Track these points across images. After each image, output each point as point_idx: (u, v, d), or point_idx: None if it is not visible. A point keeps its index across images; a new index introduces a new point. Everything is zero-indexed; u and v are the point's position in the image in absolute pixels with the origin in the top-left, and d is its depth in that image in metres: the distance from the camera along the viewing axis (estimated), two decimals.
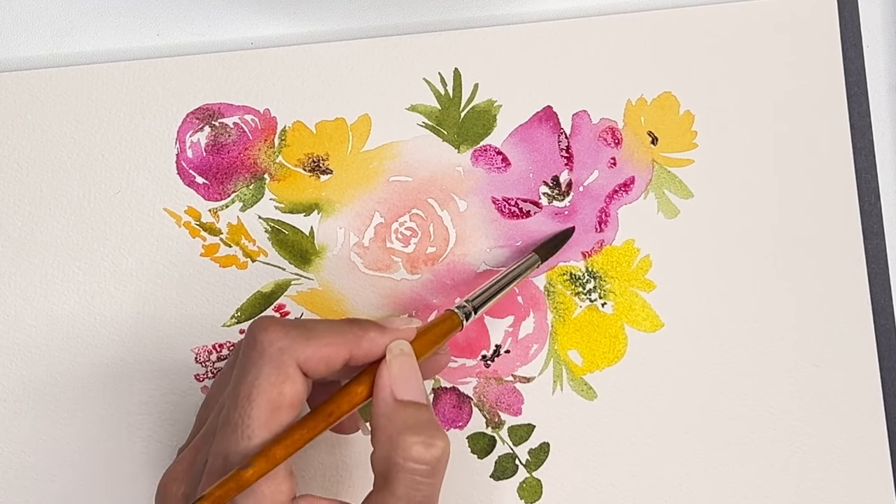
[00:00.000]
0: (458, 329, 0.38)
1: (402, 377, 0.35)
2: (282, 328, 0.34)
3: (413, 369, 0.35)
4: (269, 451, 0.32)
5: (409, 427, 0.34)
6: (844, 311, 0.46)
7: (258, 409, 0.33)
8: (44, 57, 0.45)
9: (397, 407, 0.34)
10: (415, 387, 0.35)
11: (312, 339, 0.34)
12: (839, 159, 0.46)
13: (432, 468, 0.33)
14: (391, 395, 0.35)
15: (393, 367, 0.35)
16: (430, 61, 0.45)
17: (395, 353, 0.35)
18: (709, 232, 0.46)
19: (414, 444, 0.33)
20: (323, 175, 0.45)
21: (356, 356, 0.35)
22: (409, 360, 0.36)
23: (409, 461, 0.33)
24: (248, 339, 0.35)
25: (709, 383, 0.45)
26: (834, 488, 0.45)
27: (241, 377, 0.34)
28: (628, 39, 0.46)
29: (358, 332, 0.35)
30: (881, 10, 0.48)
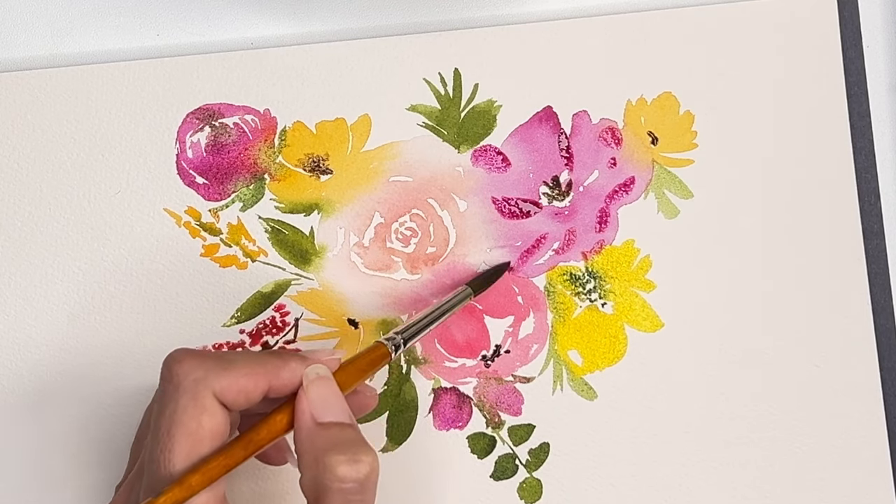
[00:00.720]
0: (386, 360, 0.38)
1: (321, 400, 0.35)
2: (196, 359, 0.34)
3: (332, 391, 0.35)
4: (184, 480, 0.32)
5: (333, 447, 0.33)
6: (844, 311, 0.46)
7: (178, 442, 0.33)
8: (44, 57, 0.45)
9: (319, 430, 0.34)
10: (336, 408, 0.35)
11: (228, 369, 0.34)
12: (839, 159, 0.46)
13: (361, 485, 0.33)
14: (311, 419, 0.34)
15: (310, 392, 0.35)
16: (430, 61, 0.45)
17: (312, 377, 0.35)
18: (709, 232, 0.46)
19: (340, 464, 0.33)
20: (323, 175, 0.45)
21: (276, 387, 0.35)
22: (328, 383, 0.35)
23: (337, 481, 0.33)
24: (163, 373, 0.34)
25: (709, 383, 0.45)
26: (834, 488, 0.45)
27: (160, 412, 0.34)
28: (628, 39, 0.46)
29: (277, 362, 0.35)
30: (881, 10, 0.48)
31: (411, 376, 0.45)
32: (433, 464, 0.44)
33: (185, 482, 0.32)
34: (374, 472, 0.34)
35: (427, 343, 0.45)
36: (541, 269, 0.45)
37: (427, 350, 0.45)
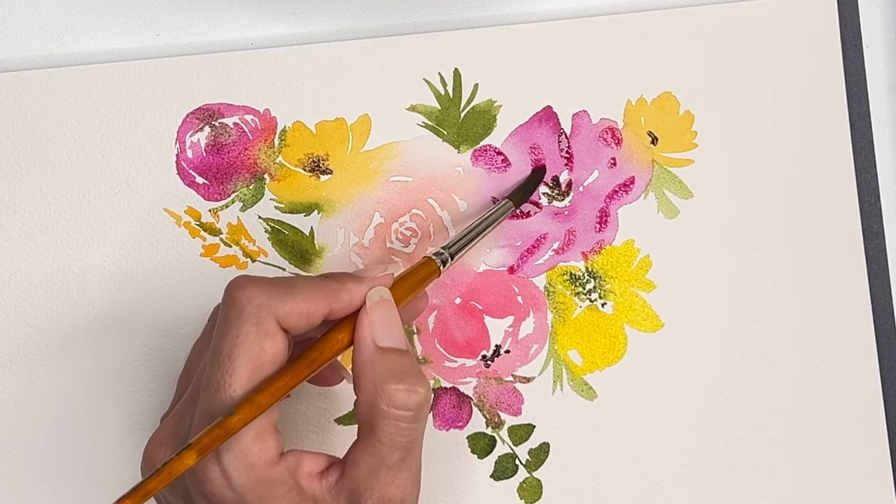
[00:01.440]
0: (435, 275, 0.39)
1: (383, 324, 0.35)
2: (259, 285, 0.34)
3: (393, 316, 0.36)
4: (253, 399, 0.32)
5: (391, 374, 0.34)
6: (844, 311, 0.46)
7: (240, 367, 0.33)
8: (44, 57, 0.45)
9: (379, 354, 0.35)
10: (395, 333, 0.35)
11: (291, 294, 0.34)
12: (839, 159, 0.46)
13: (415, 414, 0.34)
14: (372, 343, 0.35)
15: (373, 315, 0.35)
16: (430, 61, 0.45)
17: (375, 300, 0.35)
18: (709, 232, 0.46)
19: (397, 392, 0.34)
20: (323, 175, 0.45)
21: (336, 310, 0.35)
22: (389, 307, 0.36)
23: (393, 408, 0.34)
24: (225, 300, 0.34)
25: (708, 383, 0.45)
26: (834, 488, 0.45)
27: (221, 337, 0.34)
28: (628, 39, 0.46)
29: (335, 285, 0.35)
30: (881, 10, 0.48)
31: None
32: (433, 464, 0.44)
33: (254, 400, 0.32)
34: (428, 402, 0.34)
35: (427, 343, 0.45)
36: (541, 269, 0.45)
37: (427, 350, 0.45)
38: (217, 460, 0.33)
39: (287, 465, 0.34)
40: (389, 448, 0.34)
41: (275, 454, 0.33)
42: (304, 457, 0.35)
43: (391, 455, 0.34)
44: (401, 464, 0.34)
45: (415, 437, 0.34)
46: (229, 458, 0.32)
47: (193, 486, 0.34)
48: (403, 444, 0.34)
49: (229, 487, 0.33)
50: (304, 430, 0.44)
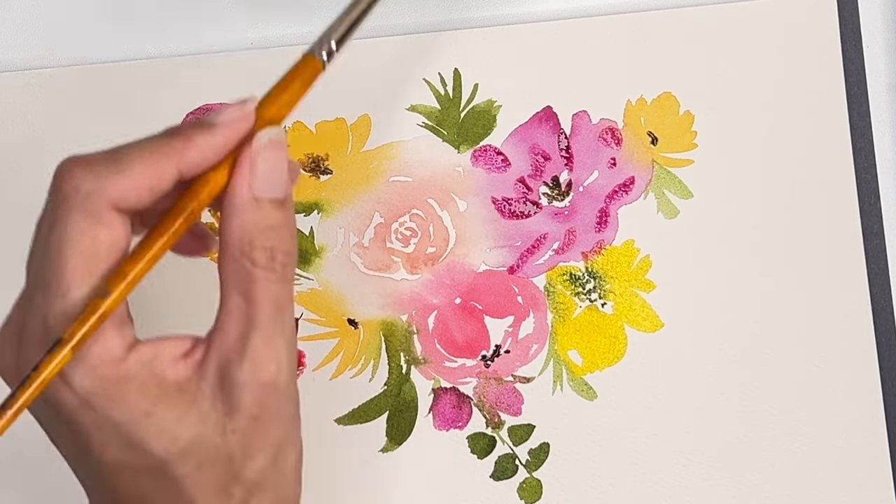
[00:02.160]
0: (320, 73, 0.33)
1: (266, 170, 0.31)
2: (86, 167, 0.30)
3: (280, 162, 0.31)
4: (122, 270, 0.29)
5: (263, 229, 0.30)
6: (844, 311, 0.46)
7: (71, 263, 0.29)
8: (44, 57, 0.45)
9: (252, 204, 0.30)
10: (277, 182, 0.31)
11: (123, 171, 0.30)
12: (839, 159, 0.46)
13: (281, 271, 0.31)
14: (248, 191, 0.30)
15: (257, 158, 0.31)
16: (430, 61, 0.45)
17: (263, 141, 0.31)
18: (709, 232, 0.46)
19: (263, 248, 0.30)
20: (323, 175, 0.45)
21: (187, 171, 0.30)
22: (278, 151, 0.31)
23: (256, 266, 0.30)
24: (52, 186, 0.30)
25: (709, 383, 0.45)
26: (834, 488, 0.45)
27: (48, 230, 0.30)
28: (628, 39, 0.46)
29: (180, 143, 0.30)
30: (881, 10, 0.48)
31: (411, 376, 0.45)
32: (433, 464, 0.44)
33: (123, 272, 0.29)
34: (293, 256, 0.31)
35: (427, 343, 0.45)
36: (541, 269, 0.45)
37: (427, 350, 0.45)
38: None
39: (139, 357, 0.30)
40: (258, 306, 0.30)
41: (120, 351, 0.30)
42: (162, 343, 0.31)
43: (260, 314, 0.30)
44: (272, 325, 0.30)
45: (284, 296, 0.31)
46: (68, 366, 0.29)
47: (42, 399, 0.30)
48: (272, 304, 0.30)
49: (72, 393, 0.29)
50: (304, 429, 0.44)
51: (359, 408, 0.44)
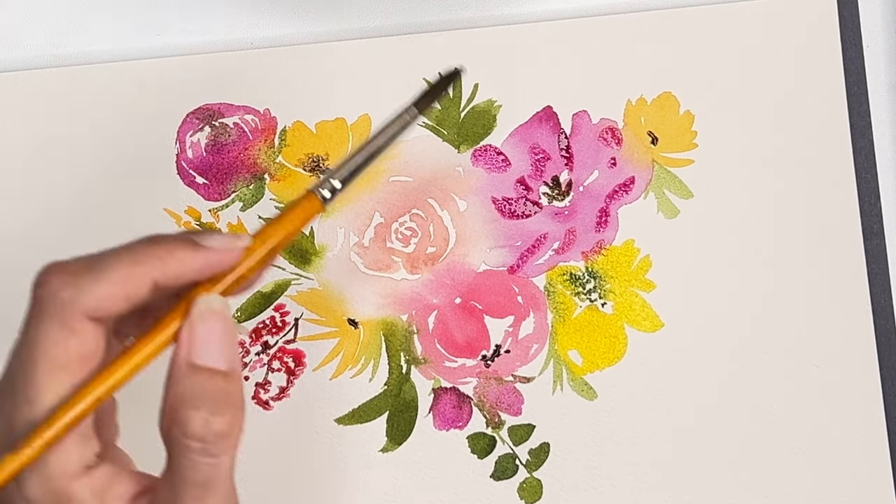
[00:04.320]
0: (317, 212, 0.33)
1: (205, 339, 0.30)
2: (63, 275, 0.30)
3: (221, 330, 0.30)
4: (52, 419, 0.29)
5: (194, 396, 0.29)
6: (844, 311, 0.46)
7: (40, 371, 0.29)
8: (44, 57, 0.45)
9: (187, 371, 0.30)
10: (216, 351, 0.30)
11: (100, 279, 0.29)
12: (839, 159, 0.46)
13: (209, 446, 0.29)
14: (185, 358, 0.30)
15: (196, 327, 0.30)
16: (430, 61, 0.45)
17: (202, 309, 0.30)
18: (709, 232, 0.46)
19: (191, 418, 0.29)
20: (323, 175, 0.45)
21: (164, 282, 0.30)
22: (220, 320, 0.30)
23: (184, 437, 0.29)
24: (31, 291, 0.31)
25: (708, 383, 0.45)
26: (834, 488, 0.45)
27: (23, 335, 0.30)
28: (628, 39, 0.46)
29: (161, 253, 0.30)
30: (881, 10, 0.48)
31: (411, 376, 0.45)
32: (433, 464, 0.44)
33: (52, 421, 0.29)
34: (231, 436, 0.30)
35: (427, 343, 0.45)
36: (541, 269, 0.45)
37: (427, 350, 0.45)
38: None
39: (92, 482, 0.30)
40: (183, 483, 0.29)
41: (76, 467, 0.29)
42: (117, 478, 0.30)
43: (186, 491, 0.29)
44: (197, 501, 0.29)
45: (213, 474, 0.29)
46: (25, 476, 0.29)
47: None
48: (199, 480, 0.29)
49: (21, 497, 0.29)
50: (304, 429, 0.44)
51: (359, 408, 0.44)
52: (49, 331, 0.30)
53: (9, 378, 0.30)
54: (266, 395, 0.44)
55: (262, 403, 0.44)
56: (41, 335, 0.30)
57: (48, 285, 0.30)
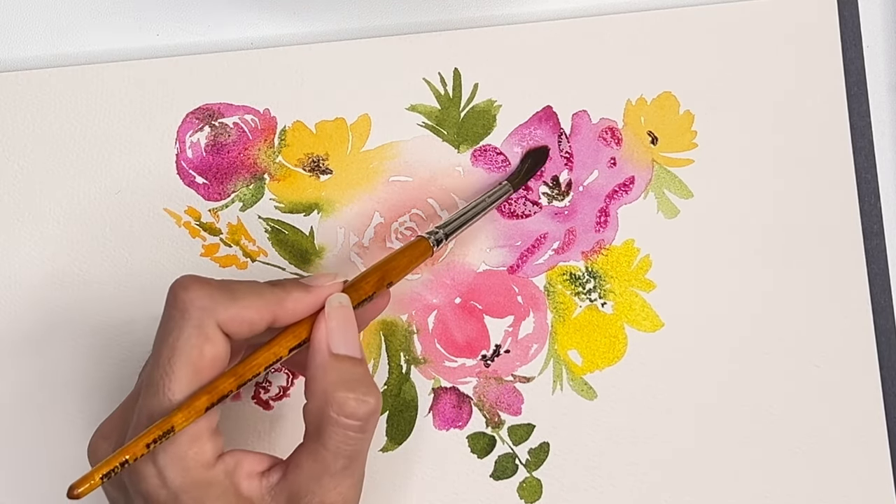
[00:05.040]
0: (427, 254, 0.39)
1: (339, 330, 0.35)
2: (203, 288, 0.34)
3: (350, 323, 0.36)
4: (192, 402, 0.33)
5: (343, 382, 0.34)
6: (844, 311, 0.46)
7: (180, 370, 0.33)
8: (44, 57, 0.45)
9: (332, 361, 0.35)
10: (350, 341, 0.35)
11: (234, 300, 0.34)
12: (839, 159, 0.46)
13: (363, 424, 0.34)
14: (326, 349, 0.35)
15: (330, 321, 0.35)
16: (430, 61, 0.46)
17: (334, 305, 0.36)
18: (709, 232, 0.46)
19: (347, 400, 0.34)
20: (323, 175, 0.45)
21: (280, 318, 0.35)
22: (347, 313, 0.36)
23: (342, 416, 0.34)
24: (169, 299, 0.35)
25: (708, 383, 0.45)
26: (834, 488, 0.45)
27: (163, 338, 0.34)
28: (628, 39, 0.46)
29: (280, 293, 0.35)
30: (881, 10, 0.48)
31: (411, 376, 0.45)
32: (433, 464, 0.44)
33: (192, 404, 0.33)
34: (377, 412, 0.35)
35: (427, 343, 0.45)
36: (541, 268, 0.45)
37: (427, 350, 0.45)
38: (153, 460, 0.33)
39: (224, 466, 0.34)
40: (334, 455, 0.34)
41: (210, 457, 0.34)
42: (245, 457, 0.35)
43: (335, 462, 0.34)
44: (344, 471, 0.34)
45: (360, 447, 0.35)
46: (165, 460, 0.33)
47: (131, 484, 0.34)
48: (349, 452, 0.34)
49: (164, 487, 0.33)
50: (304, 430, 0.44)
51: None
52: (188, 335, 0.34)
53: (148, 376, 0.34)
54: (266, 395, 0.44)
55: (262, 403, 0.44)
56: (182, 337, 0.34)
57: (189, 291, 0.34)
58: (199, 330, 0.34)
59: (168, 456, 0.33)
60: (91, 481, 0.31)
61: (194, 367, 0.33)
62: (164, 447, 0.33)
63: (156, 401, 0.33)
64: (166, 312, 0.35)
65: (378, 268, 0.38)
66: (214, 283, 0.35)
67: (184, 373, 0.33)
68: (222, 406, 0.34)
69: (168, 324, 0.34)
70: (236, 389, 0.34)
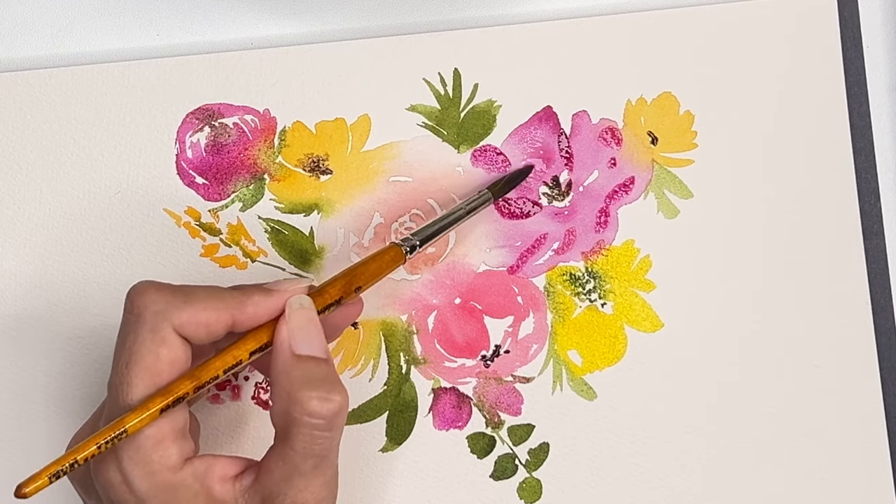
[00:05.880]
0: (399, 262, 0.39)
1: (301, 331, 0.35)
2: (158, 292, 0.34)
3: (312, 324, 0.36)
4: (145, 404, 0.33)
5: (306, 382, 0.34)
6: (844, 311, 0.46)
7: (136, 374, 0.33)
8: (44, 57, 0.45)
9: (294, 361, 0.35)
10: (314, 341, 0.35)
11: (190, 303, 0.34)
12: (839, 159, 0.46)
13: (329, 422, 0.34)
14: (289, 350, 0.35)
15: (291, 321, 0.35)
16: (430, 61, 0.45)
17: (294, 307, 0.36)
18: (709, 232, 0.46)
19: (311, 399, 0.34)
20: (323, 175, 0.45)
21: (240, 321, 0.35)
22: (309, 315, 0.36)
23: (305, 415, 0.34)
24: (126, 305, 0.35)
25: (708, 383, 0.45)
26: (834, 488, 0.45)
27: (120, 343, 0.34)
28: (628, 39, 0.46)
29: (240, 297, 0.35)
30: (881, 10, 0.48)
31: (411, 376, 0.45)
32: (433, 464, 0.44)
33: (145, 406, 0.33)
34: (343, 410, 0.34)
35: (427, 343, 0.45)
36: (541, 269, 0.45)
37: (427, 350, 0.45)
38: (118, 466, 0.33)
39: (193, 470, 0.34)
40: (303, 456, 0.34)
41: (176, 460, 0.34)
42: (216, 461, 0.35)
43: (304, 462, 0.34)
44: (314, 471, 0.34)
45: (329, 446, 0.34)
46: (129, 465, 0.33)
47: (101, 492, 0.34)
48: (317, 451, 0.34)
49: (131, 493, 0.33)
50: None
51: (359, 408, 0.44)
52: (144, 338, 0.34)
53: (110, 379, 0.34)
54: (266, 396, 0.44)
55: (261, 403, 0.44)
56: (138, 341, 0.34)
57: (143, 296, 0.34)
58: (154, 334, 0.34)
59: (133, 461, 0.33)
60: (39, 481, 0.31)
61: (150, 371, 0.33)
62: (128, 453, 0.33)
63: (115, 405, 0.33)
64: (123, 318, 0.35)
65: (346, 273, 0.38)
66: (171, 287, 0.35)
67: (140, 377, 0.33)
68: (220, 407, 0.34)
69: (124, 329, 0.34)
70: (193, 392, 0.34)
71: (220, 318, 0.35)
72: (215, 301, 0.35)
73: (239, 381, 0.44)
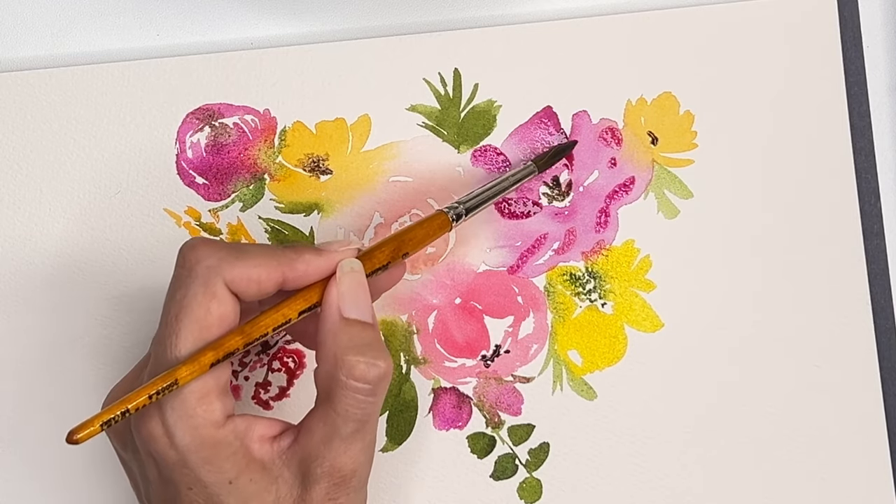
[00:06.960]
0: (446, 229, 0.39)
1: (350, 294, 0.35)
2: (210, 248, 0.34)
3: (362, 287, 0.36)
4: (197, 357, 0.33)
5: (353, 346, 0.34)
6: (844, 311, 0.46)
7: (185, 327, 0.33)
8: (44, 57, 0.45)
9: (343, 324, 0.35)
10: (362, 305, 0.35)
11: (242, 259, 0.34)
12: (839, 159, 0.46)
13: (374, 387, 0.34)
14: (337, 312, 0.35)
15: (342, 284, 0.35)
16: (430, 61, 0.45)
17: (346, 270, 0.36)
18: (709, 232, 0.46)
19: (357, 364, 0.34)
20: (323, 175, 0.45)
21: (290, 279, 0.35)
22: (359, 278, 0.36)
23: (352, 379, 0.34)
24: (178, 260, 0.35)
25: (708, 383, 0.45)
26: (834, 488, 0.45)
27: (170, 297, 0.34)
28: (628, 39, 0.46)
29: (292, 254, 0.35)
30: (881, 10, 0.48)
31: (411, 376, 0.45)
32: (433, 464, 0.44)
33: (198, 358, 0.33)
34: (388, 377, 0.35)
35: (427, 343, 0.45)
36: (541, 269, 0.45)
37: (427, 350, 0.45)
38: (161, 420, 0.33)
39: (234, 427, 0.34)
40: (344, 419, 0.34)
41: (220, 416, 0.34)
42: (256, 421, 0.35)
43: (346, 426, 0.34)
44: (355, 435, 0.34)
45: (371, 410, 0.34)
46: (173, 418, 0.33)
47: (141, 445, 0.34)
48: (359, 416, 0.34)
49: (172, 447, 0.33)
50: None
51: None
52: (194, 293, 0.33)
53: (158, 332, 0.34)
54: (266, 396, 0.44)
55: (262, 403, 0.44)
56: (189, 295, 0.34)
57: (196, 251, 0.34)
58: (206, 288, 0.33)
59: (177, 414, 0.33)
60: (91, 427, 0.31)
61: (200, 325, 0.33)
62: (172, 406, 0.33)
63: (163, 357, 0.33)
64: (175, 273, 0.35)
65: (394, 238, 0.38)
66: (223, 243, 0.35)
67: (189, 330, 0.33)
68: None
69: (176, 283, 0.34)
70: (243, 348, 0.34)
71: (272, 275, 0.34)
72: (267, 258, 0.35)
73: (239, 381, 0.44)
